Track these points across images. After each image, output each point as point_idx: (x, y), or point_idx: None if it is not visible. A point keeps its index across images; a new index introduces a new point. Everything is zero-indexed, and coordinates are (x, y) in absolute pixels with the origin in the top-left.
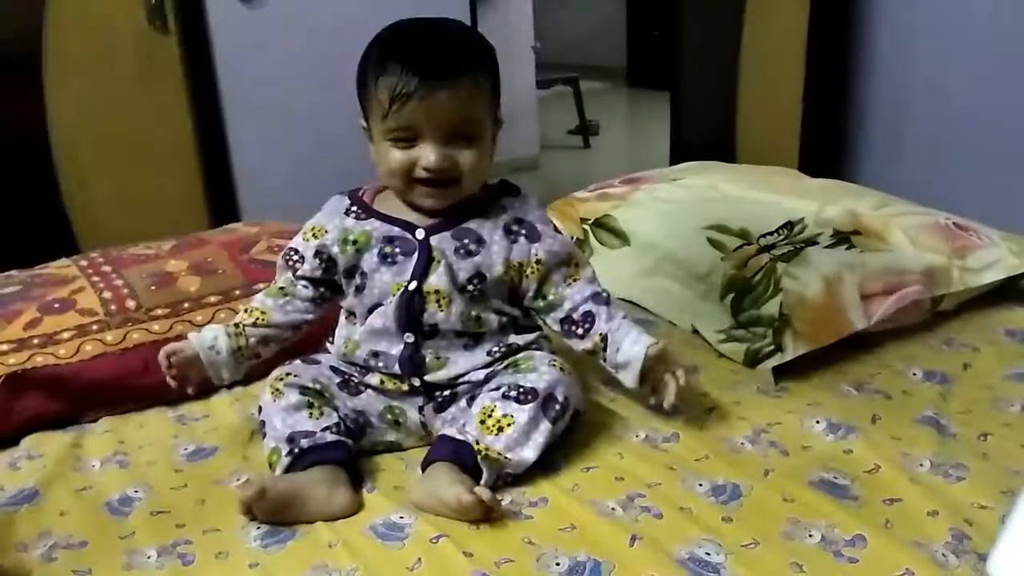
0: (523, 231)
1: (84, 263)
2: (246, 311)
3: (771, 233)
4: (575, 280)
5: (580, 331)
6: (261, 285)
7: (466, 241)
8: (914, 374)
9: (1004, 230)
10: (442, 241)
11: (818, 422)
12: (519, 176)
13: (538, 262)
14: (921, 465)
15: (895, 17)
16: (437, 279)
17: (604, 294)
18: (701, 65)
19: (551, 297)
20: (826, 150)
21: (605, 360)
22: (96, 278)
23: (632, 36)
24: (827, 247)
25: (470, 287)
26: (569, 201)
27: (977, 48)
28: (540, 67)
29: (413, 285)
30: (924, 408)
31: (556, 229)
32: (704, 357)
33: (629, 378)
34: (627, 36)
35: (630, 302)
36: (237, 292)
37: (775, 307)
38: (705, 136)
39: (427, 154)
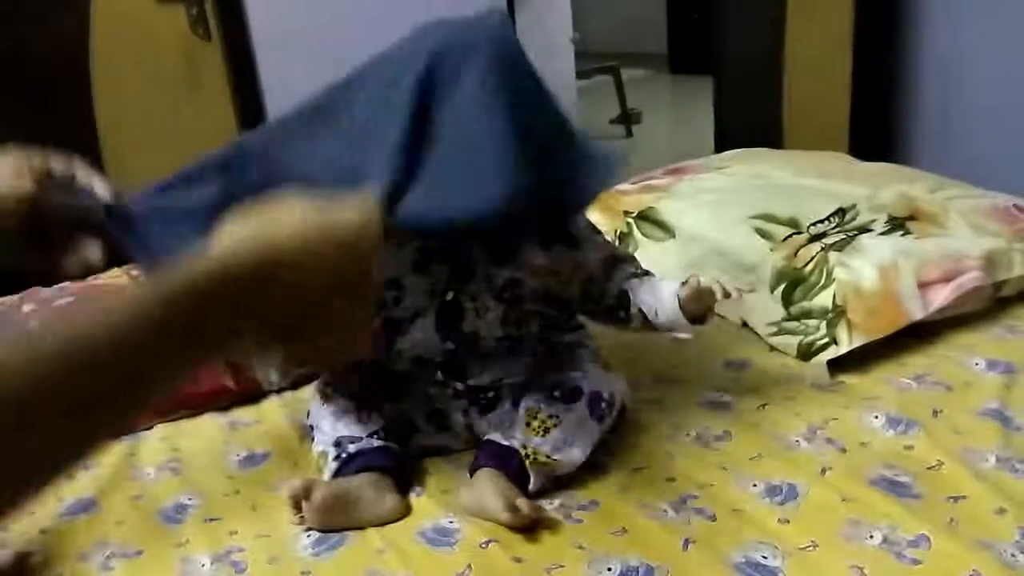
0: (560, 236)
1: (136, 272)
2: None
3: (822, 221)
4: (615, 274)
5: (623, 314)
6: None
7: (500, 249)
8: (976, 364)
9: None
10: (477, 248)
11: (876, 417)
12: None
13: (579, 269)
14: (986, 460)
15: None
16: (475, 286)
17: (639, 272)
18: (744, 49)
19: (595, 296)
20: (877, 133)
21: (658, 329)
22: None
23: (672, 21)
24: (881, 234)
25: (506, 294)
26: (612, 195)
27: None
28: (580, 57)
29: (451, 295)
30: (987, 400)
31: (593, 228)
32: (755, 351)
33: (687, 331)
34: (667, 22)
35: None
36: None
37: (828, 298)
38: (751, 121)
39: None
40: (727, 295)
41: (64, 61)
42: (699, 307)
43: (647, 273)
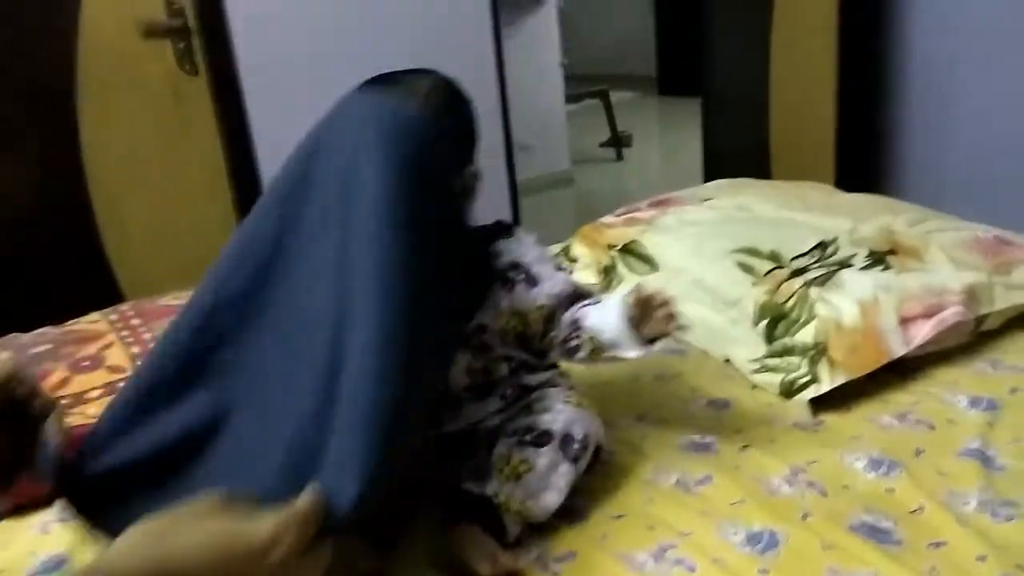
0: (520, 276)
1: (114, 317)
2: None
3: (803, 255)
4: (573, 308)
5: (575, 343)
6: None
7: None
8: (959, 401)
9: None
10: None
11: (858, 459)
12: (554, 193)
13: (539, 307)
14: (967, 503)
15: (930, 22)
16: None
17: (591, 302)
18: (731, 73)
19: (551, 332)
20: (863, 156)
21: (605, 352)
22: (125, 332)
23: (662, 44)
24: (862, 268)
25: (473, 340)
26: (596, 227)
27: (1020, 48)
28: (569, 81)
29: None
30: (970, 439)
31: (556, 265)
32: (738, 389)
33: (631, 349)
34: (656, 44)
35: None
36: None
37: (810, 335)
38: (739, 144)
39: None
40: (671, 316)
41: (50, 91)
42: (644, 317)
43: (595, 302)
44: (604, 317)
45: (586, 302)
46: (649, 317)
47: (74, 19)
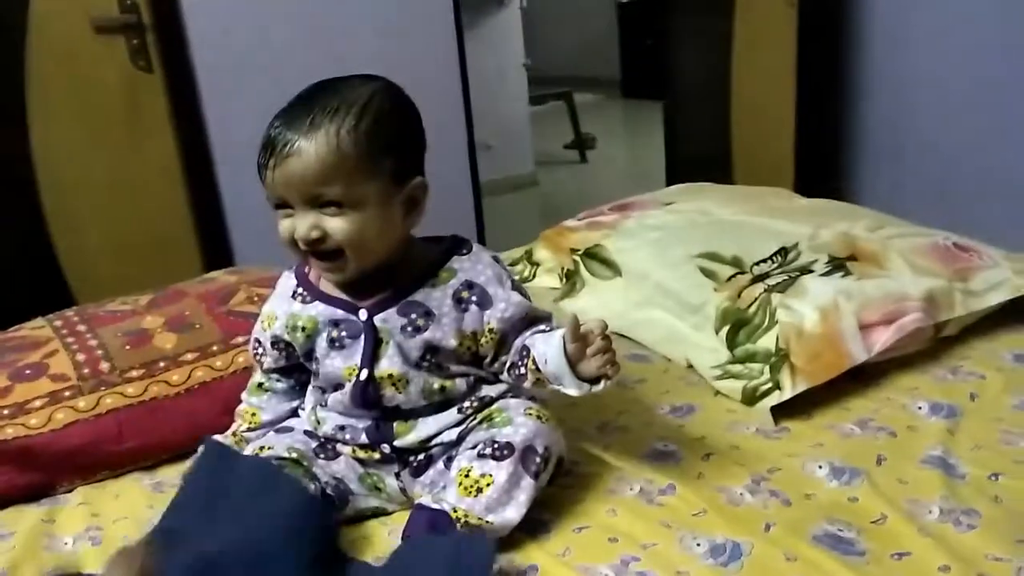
0: (473, 297)
1: (59, 323)
2: (239, 415)
3: (764, 261)
4: (525, 332)
5: (522, 369)
6: (240, 339)
7: (413, 316)
8: (919, 408)
9: (1006, 248)
10: (387, 320)
11: (821, 467)
12: (518, 195)
13: (490, 330)
14: (930, 512)
15: (887, 25)
16: (388, 362)
17: (546, 329)
18: (693, 77)
19: (502, 355)
20: (823, 159)
21: (549, 384)
22: (71, 339)
23: (625, 47)
24: (822, 275)
25: (425, 363)
26: (559, 231)
27: (975, 54)
28: (533, 82)
29: (364, 373)
30: (931, 446)
31: (514, 284)
32: (700, 395)
33: (571, 385)
34: (620, 47)
35: (623, 335)
36: (214, 348)
37: (771, 341)
38: (700, 148)
39: (297, 224)
40: (607, 358)
41: None
42: (581, 355)
43: (550, 329)
44: (547, 350)
45: (538, 328)
46: (585, 356)
47: (23, 15)
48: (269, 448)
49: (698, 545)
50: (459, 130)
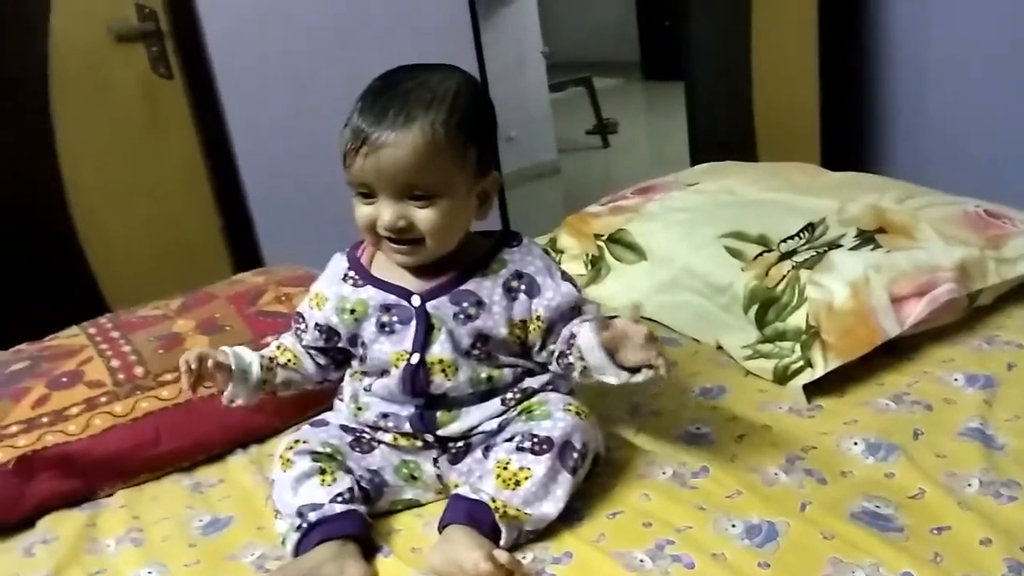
0: (523, 286)
1: (93, 330)
2: (279, 347)
3: (791, 237)
4: (573, 321)
5: (569, 358)
6: (269, 338)
7: (465, 304)
8: (956, 380)
9: None
10: (440, 307)
11: (856, 443)
12: (541, 183)
13: (538, 318)
14: (969, 485)
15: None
16: (440, 348)
17: (592, 318)
18: (713, 55)
19: (549, 344)
20: (848, 133)
21: (594, 375)
22: (104, 346)
23: (644, 28)
24: (851, 249)
25: (475, 351)
26: (582, 217)
27: (1000, 22)
28: (552, 69)
29: (416, 358)
30: (969, 418)
31: (563, 275)
32: (731, 376)
33: (612, 375)
34: (639, 28)
35: (651, 319)
36: None
37: (801, 319)
38: (723, 126)
39: (382, 212)
40: (658, 353)
41: (24, 102)
42: (620, 344)
43: (611, 319)
44: (590, 339)
45: (586, 317)
46: (625, 345)
47: (44, 27)
48: (304, 442)
49: (733, 527)
50: None
